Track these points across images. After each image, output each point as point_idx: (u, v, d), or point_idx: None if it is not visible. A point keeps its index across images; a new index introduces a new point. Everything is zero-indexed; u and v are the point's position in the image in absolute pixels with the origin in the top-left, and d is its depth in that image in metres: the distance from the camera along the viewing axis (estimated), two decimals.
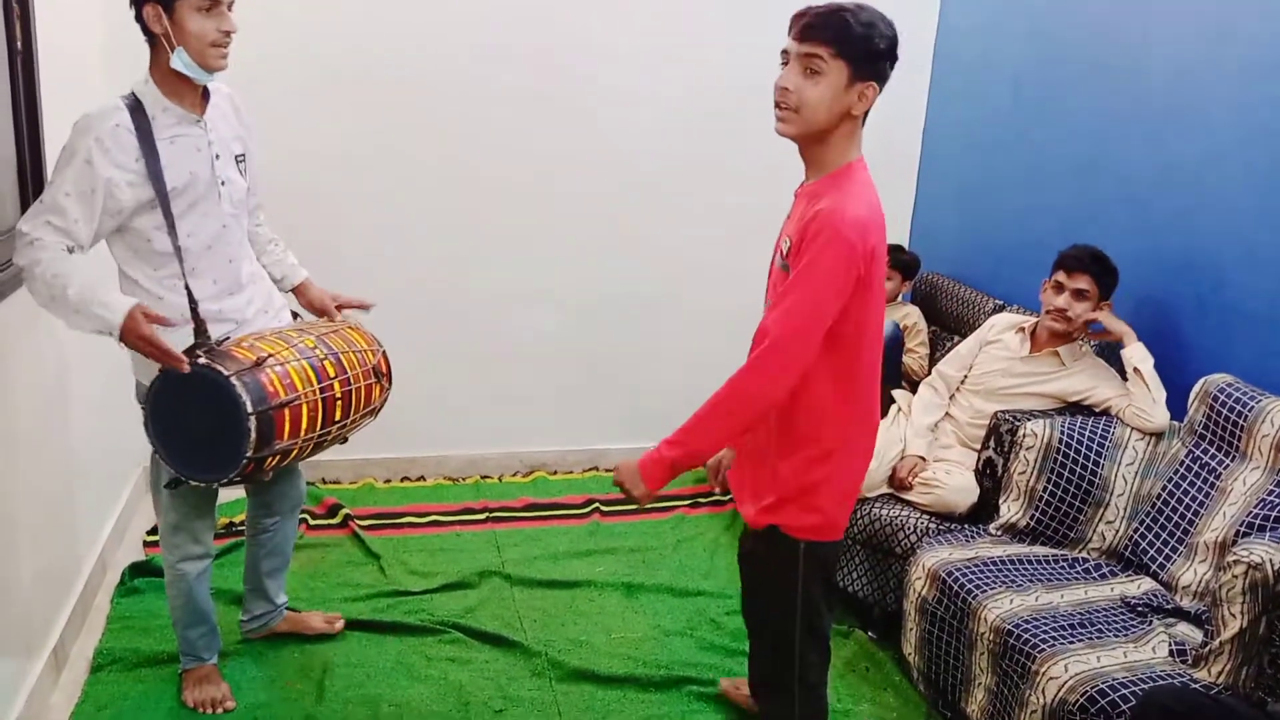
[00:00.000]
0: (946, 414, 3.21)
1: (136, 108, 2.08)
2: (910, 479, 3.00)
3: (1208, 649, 2.12)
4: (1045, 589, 2.52)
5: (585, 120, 3.80)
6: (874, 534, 2.92)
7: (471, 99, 3.65)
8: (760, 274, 2.07)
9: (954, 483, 2.95)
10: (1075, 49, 3.35)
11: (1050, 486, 2.76)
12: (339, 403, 2.20)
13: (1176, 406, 2.77)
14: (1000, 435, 2.90)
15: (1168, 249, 2.98)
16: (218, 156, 2.19)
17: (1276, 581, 2.01)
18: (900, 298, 3.87)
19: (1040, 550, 2.72)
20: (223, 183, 2.20)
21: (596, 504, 3.77)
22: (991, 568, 2.58)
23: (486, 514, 3.68)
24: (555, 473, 4.08)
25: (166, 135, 2.10)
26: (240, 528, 3.42)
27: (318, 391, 2.13)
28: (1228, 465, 2.56)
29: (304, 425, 2.12)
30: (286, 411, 2.07)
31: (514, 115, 3.69)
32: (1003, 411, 2.95)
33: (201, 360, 2.04)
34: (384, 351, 2.41)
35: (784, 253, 1.89)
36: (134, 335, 2.01)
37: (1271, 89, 2.65)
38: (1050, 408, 2.98)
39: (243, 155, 2.29)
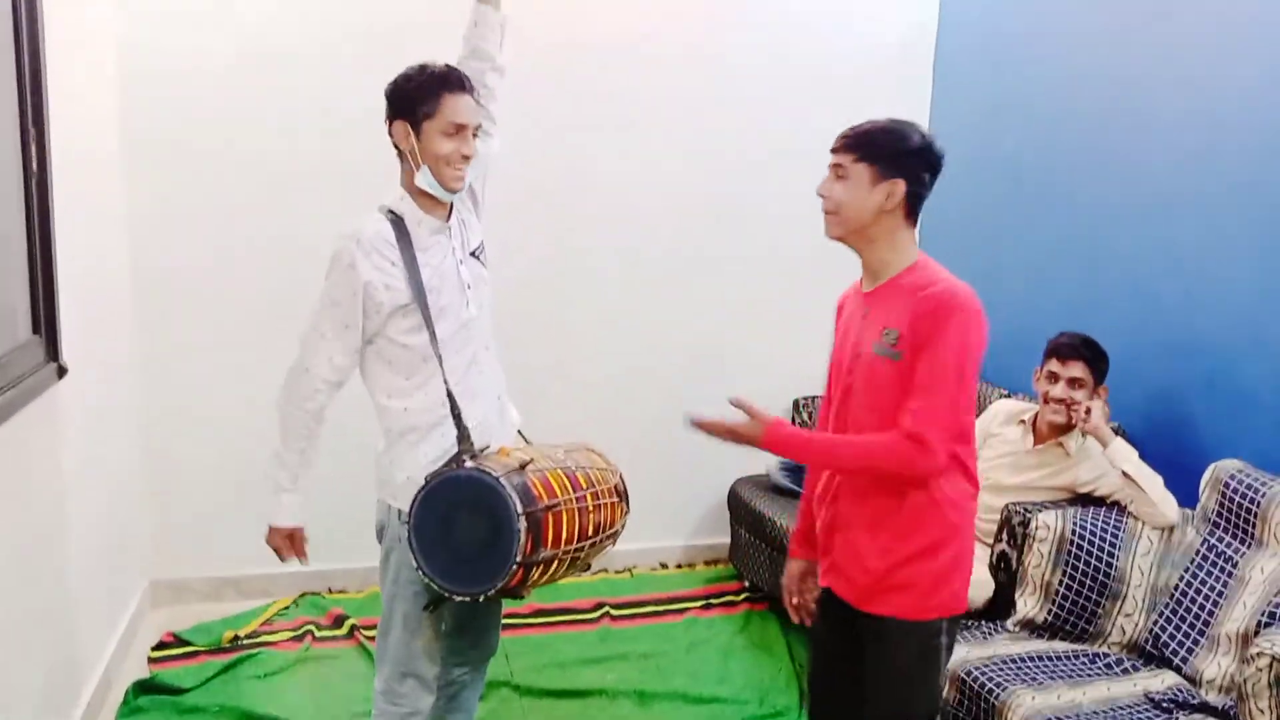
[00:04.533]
0: None
1: (397, 221, 2.11)
2: None
3: None
4: (1067, 686, 2.46)
5: (615, 179, 3.86)
6: None
7: None
8: (792, 358, 2.12)
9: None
10: (1074, 136, 3.41)
11: (1066, 579, 2.72)
12: (591, 516, 2.15)
13: (1188, 493, 2.75)
14: (1012, 528, 2.87)
15: (1174, 335, 3.00)
16: (461, 261, 2.20)
17: None
18: None
19: (1060, 646, 2.66)
20: (469, 286, 2.20)
21: (606, 607, 3.71)
22: (1011, 665, 2.53)
23: None
24: None
25: (424, 246, 2.13)
26: (244, 641, 3.38)
27: (574, 500, 2.10)
28: (1244, 553, 2.52)
29: (564, 534, 2.08)
30: (550, 516, 2.03)
31: (528, 148, 3.59)
32: (1013, 504, 2.93)
33: (469, 464, 2.04)
34: (621, 474, 2.33)
35: (890, 342, 2.00)
36: (280, 536, 2.22)
37: (1273, 173, 2.69)
38: (1060, 499, 2.96)
39: (480, 245, 2.28)
